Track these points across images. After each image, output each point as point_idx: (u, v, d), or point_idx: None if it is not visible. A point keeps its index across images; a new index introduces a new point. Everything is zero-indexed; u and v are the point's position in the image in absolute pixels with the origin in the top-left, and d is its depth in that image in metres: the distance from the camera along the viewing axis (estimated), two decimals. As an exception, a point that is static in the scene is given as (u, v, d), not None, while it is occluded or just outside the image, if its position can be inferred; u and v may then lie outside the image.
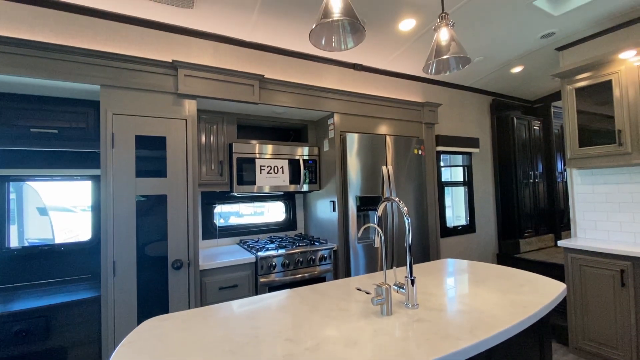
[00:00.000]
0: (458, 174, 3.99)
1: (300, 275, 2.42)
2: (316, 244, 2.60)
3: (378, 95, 2.95)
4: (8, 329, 1.69)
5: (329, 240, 2.73)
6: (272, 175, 2.64)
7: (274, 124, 2.96)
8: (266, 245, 2.49)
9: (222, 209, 2.89)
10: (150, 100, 2.02)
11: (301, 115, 2.84)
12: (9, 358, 1.69)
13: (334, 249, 2.62)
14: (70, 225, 2.26)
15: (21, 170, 2.05)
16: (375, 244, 1.36)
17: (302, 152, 2.81)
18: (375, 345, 0.94)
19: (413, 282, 1.24)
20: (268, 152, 2.64)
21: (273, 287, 2.31)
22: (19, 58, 1.72)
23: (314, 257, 2.50)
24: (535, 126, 4.15)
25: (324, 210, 2.82)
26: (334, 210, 2.68)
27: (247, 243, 2.67)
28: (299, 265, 2.43)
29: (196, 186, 2.12)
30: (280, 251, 2.37)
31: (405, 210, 1.24)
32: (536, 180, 4.11)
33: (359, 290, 1.40)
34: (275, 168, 2.66)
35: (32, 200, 2.17)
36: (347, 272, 2.62)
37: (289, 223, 3.14)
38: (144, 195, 1.97)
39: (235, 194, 2.60)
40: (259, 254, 2.29)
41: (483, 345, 0.96)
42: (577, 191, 2.81)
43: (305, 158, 2.82)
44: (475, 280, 1.57)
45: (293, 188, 2.74)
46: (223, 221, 2.89)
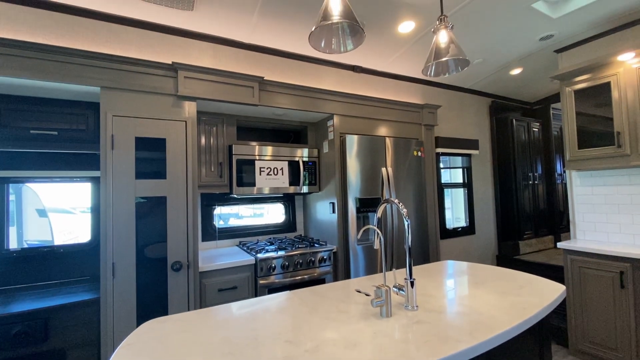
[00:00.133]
0: (457, 176, 3.99)
1: (299, 277, 2.42)
2: (316, 245, 2.60)
3: (377, 97, 2.96)
4: (7, 331, 1.69)
5: (329, 242, 2.73)
6: (272, 177, 2.64)
7: (274, 126, 2.96)
8: (266, 247, 2.49)
9: (222, 211, 2.89)
10: (150, 102, 2.03)
11: (301, 117, 2.85)
12: (8, 359, 1.69)
13: (334, 251, 2.62)
14: (69, 226, 2.25)
15: (21, 172, 2.05)
16: (375, 246, 1.36)
17: (302, 154, 2.81)
18: (375, 347, 0.94)
19: (412, 284, 1.24)
20: (268, 154, 2.64)
21: (272, 289, 2.31)
22: (20, 60, 1.73)
23: (313, 259, 2.50)
24: (534, 128, 4.16)
25: (324, 211, 2.82)
26: (333, 211, 2.68)
27: (247, 245, 2.67)
28: (298, 267, 2.42)
29: (196, 188, 2.12)
30: (280, 253, 2.37)
31: (404, 211, 1.24)
32: (536, 181, 4.12)
33: (359, 292, 1.40)
34: (275, 170, 2.66)
35: (32, 201, 2.16)
36: (347, 274, 2.62)
37: (289, 225, 3.14)
38: (143, 197, 1.97)
39: (234, 196, 2.60)
40: (259, 255, 2.29)
41: (482, 347, 0.96)
42: (577, 193, 2.82)
43: (305, 160, 2.82)
44: (475, 282, 1.57)
45: (293, 190, 2.74)
46: (223, 223, 2.89)
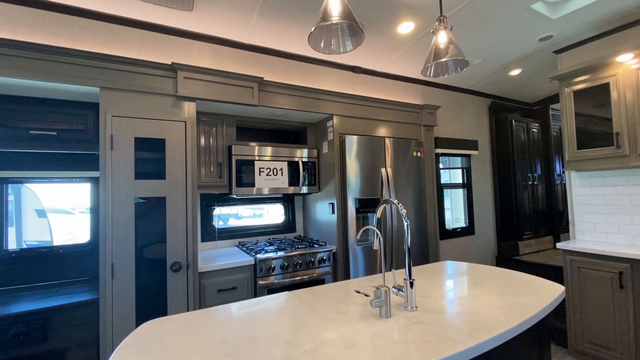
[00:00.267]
0: (457, 176, 4.00)
1: (299, 278, 2.42)
2: (315, 246, 2.60)
3: (377, 98, 2.96)
4: (6, 332, 1.68)
5: (328, 242, 2.73)
6: (271, 178, 2.64)
7: (273, 126, 2.96)
8: (265, 248, 2.49)
9: (221, 211, 2.88)
10: (150, 103, 2.03)
11: (300, 118, 2.85)
12: (7, 361, 1.69)
13: (333, 251, 2.62)
14: (68, 227, 2.25)
15: (20, 172, 2.05)
16: (374, 246, 1.36)
17: (302, 154, 2.81)
18: (374, 348, 0.94)
19: (412, 285, 1.24)
20: (267, 154, 2.64)
21: (272, 290, 2.31)
22: (19, 60, 1.73)
23: (313, 260, 2.49)
24: (533, 128, 4.17)
25: (323, 212, 2.82)
26: (333, 212, 2.68)
27: (246, 245, 2.67)
28: (297, 267, 2.42)
29: (195, 188, 2.12)
30: (279, 253, 2.37)
31: (404, 212, 1.24)
32: (535, 182, 4.12)
33: (358, 292, 1.40)
34: (275, 170, 2.66)
35: (31, 202, 2.16)
36: (346, 275, 2.62)
37: (288, 225, 3.14)
38: (142, 197, 1.97)
39: (234, 196, 2.60)
40: (258, 256, 2.29)
41: (482, 348, 0.96)
42: (576, 193, 2.82)
43: (305, 160, 2.82)
44: (474, 282, 1.57)
45: (292, 190, 2.74)
46: (222, 223, 2.89)
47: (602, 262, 2.32)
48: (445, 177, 3.91)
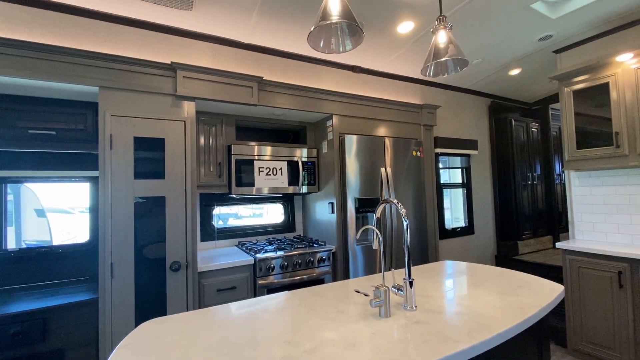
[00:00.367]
0: (457, 176, 4.00)
1: (298, 277, 2.42)
2: (315, 245, 2.60)
3: (377, 97, 2.96)
4: (5, 331, 1.68)
5: (328, 242, 2.73)
6: (271, 177, 2.64)
7: (273, 126, 2.96)
8: (265, 247, 2.49)
9: (221, 211, 2.88)
10: (149, 102, 2.02)
11: (300, 117, 2.84)
12: (6, 361, 1.69)
13: (333, 251, 2.62)
14: (68, 227, 2.25)
15: (19, 171, 2.05)
16: (374, 246, 1.36)
17: (301, 154, 2.81)
18: (374, 348, 0.94)
19: (411, 284, 1.24)
20: (267, 154, 2.64)
21: (271, 289, 2.31)
22: (17, 59, 1.72)
23: (312, 259, 2.49)
24: (533, 128, 4.17)
25: (323, 212, 2.82)
26: (332, 212, 2.68)
27: (246, 245, 2.67)
28: (297, 267, 2.42)
29: (195, 188, 2.12)
30: (279, 253, 2.37)
31: (403, 212, 1.24)
32: (534, 182, 4.12)
33: (358, 292, 1.40)
34: (274, 170, 2.66)
35: (30, 201, 2.16)
36: (346, 274, 2.62)
37: (288, 225, 3.14)
38: (142, 197, 1.96)
39: (233, 196, 2.60)
40: (258, 255, 2.29)
41: (481, 348, 0.96)
42: (575, 193, 2.82)
43: (304, 160, 2.82)
44: (474, 282, 1.57)
45: (292, 190, 2.73)
46: (222, 223, 2.88)
47: (602, 262, 2.32)
48: (445, 177, 3.91)
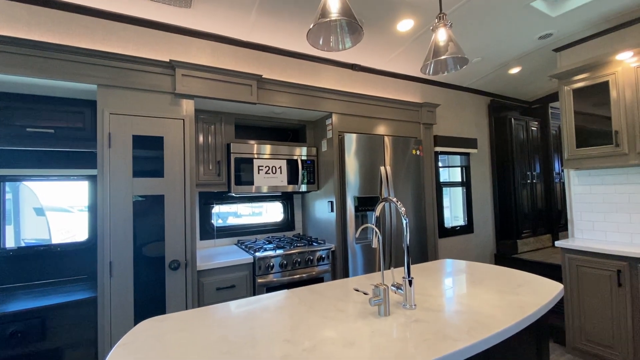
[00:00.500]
0: (456, 175, 4.00)
1: (298, 276, 2.41)
2: (314, 244, 2.60)
3: (376, 96, 2.96)
4: (3, 330, 1.68)
5: (327, 240, 2.73)
6: (270, 176, 2.63)
7: (272, 124, 2.96)
8: (264, 246, 2.49)
9: (220, 209, 2.88)
10: (148, 100, 2.02)
11: (299, 116, 2.84)
12: (5, 359, 1.68)
13: (332, 250, 2.62)
14: (67, 225, 2.24)
15: (17, 170, 2.04)
16: (373, 245, 1.36)
17: (300, 153, 2.81)
18: (373, 346, 0.94)
19: (411, 283, 1.24)
20: (266, 153, 2.63)
21: (271, 288, 2.31)
22: (15, 57, 1.71)
23: (311, 258, 2.49)
24: (532, 127, 4.17)
25: (322, 210, 2.81)
26: (332, 210, 2.68)
27: (245, 243, 2.67)
28: (296, 265, 2.42)
29: (194, 186, 2.11)
30: (278, 251, 2.36)
31: (403, 210, 1.23)
32: (534, 180, 4.12)
33: (357, 290, 1.40)
34: (274, 168, 2.65)
35: (29, 200, 2.15)
36: (345, 273, 2.62)
37: (287, 223, 3.14)
38: (141, 196, 1.96)
39: (233, 194, 2.59)
40: (257, 254, 2.29)
41: (480, 346, 0.96)
42: (575, 192, 2.82)
43: (304, 158, 2.82)
44: (473, 280, 1.57)
45: (291, 188, 2.73)
46: (221, 221, 2.88)
47: (601, 261, 2.32)
48: (445, 176, 3.91)
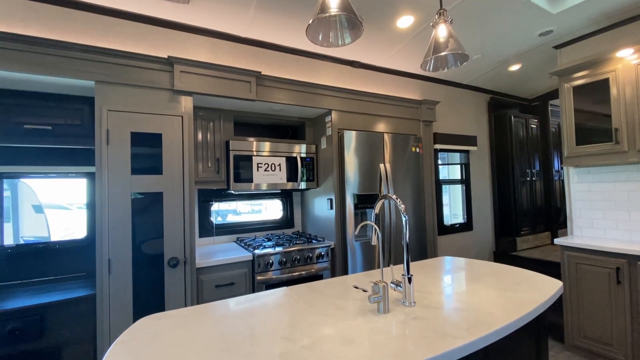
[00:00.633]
0: (455, 172, 3.99)
1: (297, 273, 2.41)
2: (313, 241, 2.60)
3: (376, 93, 2.94)
4: (2, 327, 1.68)
5: (327, 238, 2.73)
6: (270, 173, 2.63)
7: (271, 122, 2.94)
8: (263, 243, 2.49)
9: (220, 207, 2.87)
10: (146, 97, 2.00)
11: (299, 113, 2.83)
12: (3, 357, 1.68)
13: (332, 247, 2.62)
14: (66, 223, 2.24)
15: (15, 167, 2.03)
16: (373, 242, 1.35)
17: (300, 150, 2.80)
18: (372, 343, 0.94)
19: (410, 280, 1.24)
20: (265, 150, 2.62)
21: (270, 285, 2.31)
22: (12, 53, 1.70)
23: (311, 255, 2.49)
24: (532, 124, 4.16)
25: (322, 208, 2.81)
26: (331, 208, 2.67)
27: (244, 241, 2.66)
28: (296, 263, 2.42)
29: (192, 184, 2.10)
30: (278, 249, 2.36)
31: (402, 207, 1.23)
32: (533, 178, 4.12)
33: (356, 288, 1.40)
34: (273, 166, 2.64)
35: (28, 197, 2.14)
36: (345, 270, 2.62)
37: (287, 221, 3.13)
38: (139, 193, 1.95)
39: (232, 192, 2.58)
40: (256, 251, 2.29)
41: (480, 343, 0.96)
42: (574, 189, 2.82)
43: (303, 156, 2.81)
44: (472, 278, 1.57)
45: (290, 186, 2.72)
46: (220, 219, 2.88)
47: (600, 258, 2.32)
48: (444, 173, 3.91)
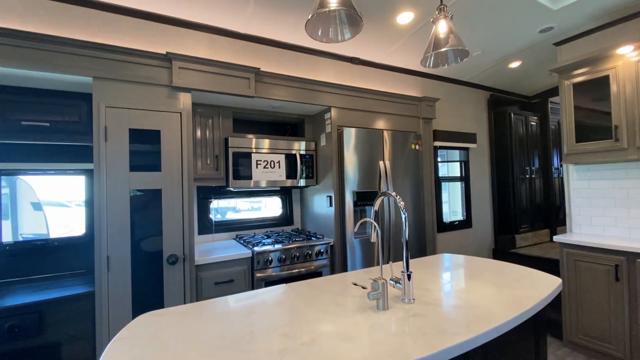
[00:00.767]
0: (455, 169, 3.99)
1: (296, 270, 2.41)
2: (313, 239, 2.59)
3: (375, 90, 2.93)
4: (1, 325, 1.68)
5: (326, 235, 2.73)
6: (269, 170, 2.62)
7: (271, 118, 2.93)
8: (263, 240, 2.48)
9: (219, 204, 2.87)
10: (144, 93, 1.99)
11: (298, 110, 2.82)
12: (2, 354, 1.68)
13: (331, 244, 2.62)
14: (65, 220, 2.23)
15: (13, 164, 2.02)
16: (372, 239, 1.35)
17: (299, 147, 2.79)
18: (371, 340, 0.94)
19: (409, 277, 1.24)
20: (264, 147, 2.61)
21: (269, 282, 2.31)
22: (9, 49, 1.68)
23: (310, 252, 2.49)
24: (532, 122, 4.15)
25: (321, 205, 2.81)
26: (330, 205, 2.67)
27: (244, 238, 2.66)
28: (295, 260, 2.42)
29: (191, 181, 2.10)
30: (277, 246, 2.36)
31: (402, 205, 1.23)
32: (533, 175, 4.12)
33: (355, 285, 1.40)
34: (272, 163, 2.64)
35: (26, 194, 2.14)
36: (344, 267, 2.62)
37: (286, 218, 3.13)
38: (138, 190, 1.94)
39: (231, 189, 2.58)
40: (256, 249, 2.28)
41: (479, 340, 0.96)
42: (573, 187, 2.82)
43: (302, 153, 2.80)
44: (471, 275, 1.57)
45: (290, 183, 2.72)
46: (220, 216, 2.87)
47: (599, 255, 2.33)
48: (444, 170, 3.91)
